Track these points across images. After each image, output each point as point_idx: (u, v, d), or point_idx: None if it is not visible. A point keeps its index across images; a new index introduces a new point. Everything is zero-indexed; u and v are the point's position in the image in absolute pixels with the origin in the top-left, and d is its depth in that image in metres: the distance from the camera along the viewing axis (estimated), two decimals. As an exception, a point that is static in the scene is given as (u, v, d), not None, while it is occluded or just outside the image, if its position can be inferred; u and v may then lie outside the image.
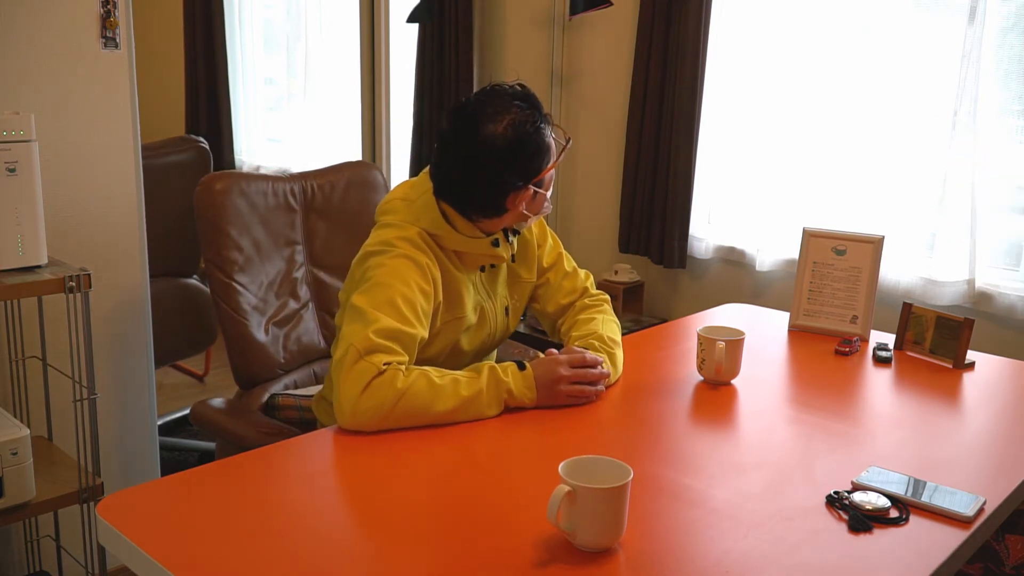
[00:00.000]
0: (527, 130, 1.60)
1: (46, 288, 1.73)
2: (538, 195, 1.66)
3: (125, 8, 2.14)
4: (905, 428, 1.51)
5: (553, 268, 1.87)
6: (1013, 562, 1.61)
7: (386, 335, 1.47)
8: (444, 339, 1.67)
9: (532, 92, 1.66)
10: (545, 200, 1.68)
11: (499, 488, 1.25)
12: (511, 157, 1.59)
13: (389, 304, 1.51)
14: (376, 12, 4.04)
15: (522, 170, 1.61)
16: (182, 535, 1.10)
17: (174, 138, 3.06)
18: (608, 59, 3.31)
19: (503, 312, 1.78)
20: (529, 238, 1.82)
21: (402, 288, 1.54)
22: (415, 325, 1.53)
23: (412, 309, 1.54)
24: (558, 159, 1.67)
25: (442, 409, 1.45)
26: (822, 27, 2.78)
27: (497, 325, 1.77)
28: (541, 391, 1.52)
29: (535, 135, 1.61)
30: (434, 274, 1.61)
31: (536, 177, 1.63)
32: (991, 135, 2.49)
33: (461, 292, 1.67)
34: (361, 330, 1.47)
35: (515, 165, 1.60)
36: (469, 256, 1.68)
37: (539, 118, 1.62)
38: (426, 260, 1.60)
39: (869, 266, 1.96)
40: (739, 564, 1.07)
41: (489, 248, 1.67)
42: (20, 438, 1.70)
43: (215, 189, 2.00)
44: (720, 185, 3.11)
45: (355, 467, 1.32)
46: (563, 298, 1.86)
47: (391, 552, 1.08)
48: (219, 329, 2.07)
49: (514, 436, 1.44)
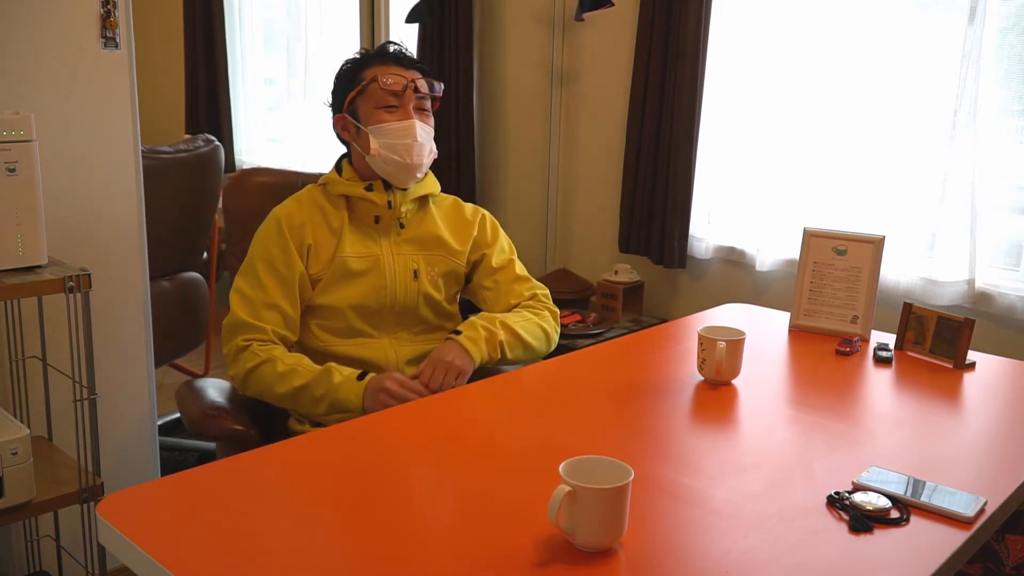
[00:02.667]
0: (345, 63, 1.89)
1: (46, 288, 1.73)
2: (360, 131, 1.84)
3: (125, 8, 2.14)
4: (905, 428, 1.51)
5: (503, 270, 1.99)
6: (1013, 562, 1.61)
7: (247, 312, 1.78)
8: (333, 284, 1.82)
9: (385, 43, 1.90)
10: (371, 140, 1.81)
11: (499, 488, 1.25)
12: (334, 87, 1.91)
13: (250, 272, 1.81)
14: (376, 12, 4.04)
15: (336, 97, 1.90)
16: (182, 535, 1.10)
17: (187, 137, 3.07)
18: (608, 59, 3.31)
19: (407, 272, 1.87)
20: (465, 218, 1.97)
21: (261, 252, 1.81)
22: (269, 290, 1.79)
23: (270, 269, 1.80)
24: (362, 87, 1.84)
25: (280, 392, 1.73)
26: (822, 27, 2.78)
27: (396, 280, 1.86)
28: (368, 398, 1.69)
29: (346, 66, 1.89)
30: (297, 222, 1.82)
31: (343, 105, 1.87)
32: (991, 135, 2.49)
33: (343, 236, 1.84)
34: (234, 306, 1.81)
35: (334, 93, 1.91)
36: (357, 203, 1.86)
37: (364, 55, 1.88)
38: (288, 211, 1.84)
39: (869, 266, 1.96)
40: (739, 564, 1.07)
41: (363, 191, 1.84)
42: (20, 438, 1.70)
43: (244, 184, 2.08)
44: (720, 185, 3.11)
45: (355, 467, 1.32)
46: (512, 299, 1.98)
47: (391, 552, 1.08)
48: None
49: (514, 436, 1.44)
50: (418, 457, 1.35)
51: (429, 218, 1.93)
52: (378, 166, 1.84)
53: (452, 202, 2.00)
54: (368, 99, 1.84)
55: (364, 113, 1.84)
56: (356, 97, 1.85)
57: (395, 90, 1.82)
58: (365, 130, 1.83)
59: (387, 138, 1.82)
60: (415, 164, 1.83)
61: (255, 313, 1.79)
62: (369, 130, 1.82)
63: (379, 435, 1.43)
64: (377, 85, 1.82)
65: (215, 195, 3.07)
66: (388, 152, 1.81)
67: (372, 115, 1.83)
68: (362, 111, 1.85)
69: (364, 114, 1.84)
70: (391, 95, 1.82)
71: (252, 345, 1.78)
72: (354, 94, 1.85)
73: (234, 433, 1.75)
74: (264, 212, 2.06)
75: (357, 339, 1.86)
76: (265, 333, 1.79)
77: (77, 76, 2.08)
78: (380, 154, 1.81)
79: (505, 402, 1.63)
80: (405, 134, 1.82)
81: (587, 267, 3.48)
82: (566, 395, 1.64)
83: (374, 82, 1.82)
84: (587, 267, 3.48)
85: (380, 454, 1.36)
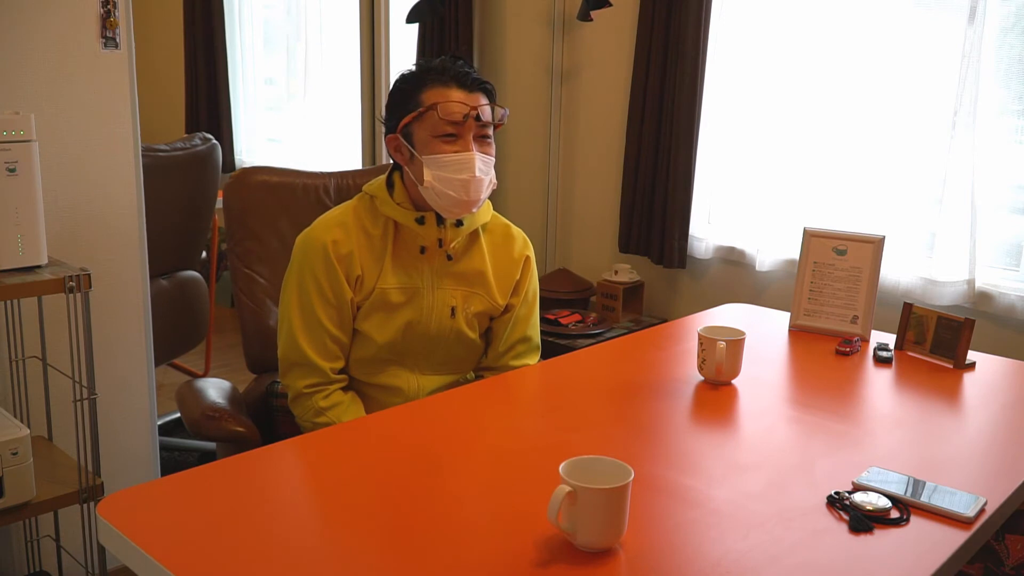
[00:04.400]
0: (401, 79, 1.76)
1: (46, 288, 1.73)
2: (415, 157, 1.70)
3: (125, 8, 2.14)
4: (905, 428, 1.51)
5: (518, 325, 1.86)
6: (1013, 562, 1.61)
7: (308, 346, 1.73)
8: (370, 314, 1.74)
9: (446, 58, 1.75)
10: (424, 170, 1.68)
11: (499, 488, 1.25)
12: (388, 104, 1.78)
13: (303, 300, 1.73)
14: (376, 12, 4.04)
15: (390, 116, 1.76)
16: (182, 535, 1.10)
17: (185, 136, 3.07)
18: (608, 59, 3.31)
19: (445, 308, 1.77)
20: (513, 258, 1.85)
21: (311, 281, 1.72)
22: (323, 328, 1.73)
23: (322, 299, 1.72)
24: (418, 113, 1.69)
25: None
26: (822, 27, 2.78)
27: (432, 315, 1.76)
28: None
29: (402, 84, 1.75)
30: (345, 251, 1.72)
31: (399, 125, 1.72)
32: (991, 135, 2.49)
33: (385, 264, 1.74)
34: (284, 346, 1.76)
35: (389, 110, 1.77)
36: (404, 230, 1.75)
37: (421, 70, 1.74)
38: (334, 238, 1.72)
39: (869, 266, 1.96)
40: (739, 564, 1.07)
41: (412, 221, 1.73)
42: (20, 438, 1.70)
43: (244, 182, 2.08)
44: (720, 185, 3.11)
45: (355, 467, 1.32)
46: (505, 351, 1.87)
47: (391, 552, 1.08)
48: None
49: (514, 436, 1.44)
50: (418, 457, 1.35)
51: (477, 251, 1.81)
52: (431, 198, 1.69)
53: (503, 231, 1.86)
54: (425, 125, 1.69)
55: (420, 139, 1.69)
56: (412, 121, 1.70)
57: (456, 119, 1.67)
58: (420, 158, 1.68)
59: (443, 171, 1.66)
60: (472, 200, 1.69)
61: (317, 349, 1.72)
62: (424, 160, 1.67)
63: (379, 436, 1.43)
64: (436, 113, 1.66)
65: (213, 194, 3.07)
66: (443, 186, 1.66)
67: (428, 143, 1.68)
68: (417, 136, 1.70)
69: (420, 140, 1.69)
70: (450, 124, 1.67)
71: (315, 397, 1.73)
72: (410, 119, 1.70)
73: (235, 435, 1.75)
74: (266, 212, 2.07)
75: (383, 368, 1.79)
76: (325, 376, 1.73)
77: (77, 76, 2.08)
78: (434, 187, 1.67)
79: (505, 402, 1.63)
80: (463, 168, 1.67)
81: (587, 267, 3.48)
82: (566, 395, 1.64)
83: (433, 109, 1.67)
84: (587, 267, 3.48)
85: (380, 454, 1.36)
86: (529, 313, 1.88)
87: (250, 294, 2.09)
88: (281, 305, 1.78)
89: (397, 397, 1.79)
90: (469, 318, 1.80)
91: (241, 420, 1.78)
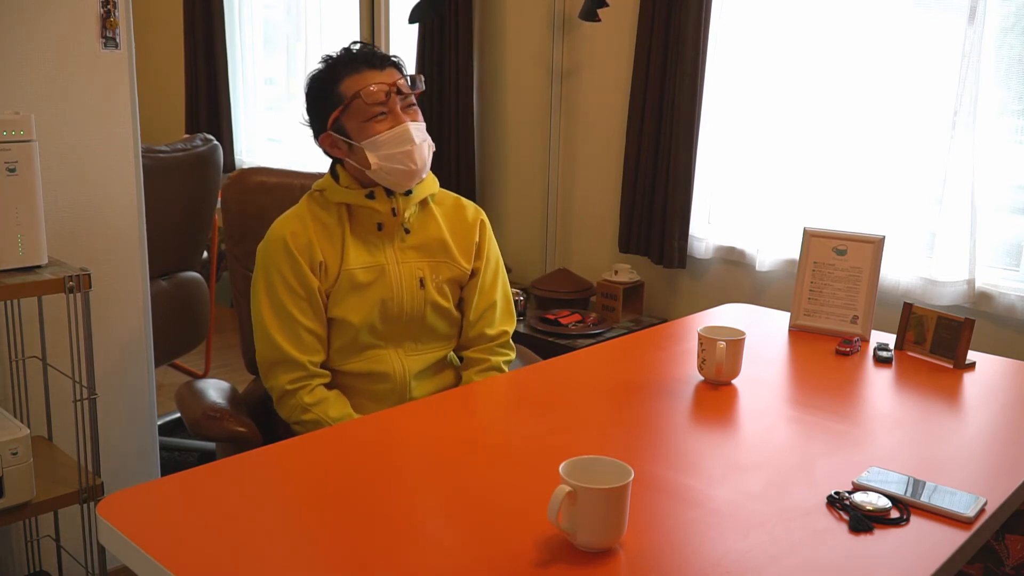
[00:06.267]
0: (312, 79, 1.81)
1: (46, 288, 1.73)
2: (353, 147, 1.76)
3: (125, 8, 2.14)
4: (905, 428, 1.51)
5: (488, 293, 1.91)
6: (1013, 562, 1.61)
7: (286, 342, 1.75)
8: (341, 298, 1.78)
9: (348, 48, 1.80)
10: (367, 155, 1.74)
11: (499, 488, 1.25)
12: (308, 108, 1.83)
13: (272, 299, 1.76)
14: (376, 12, 4.04)
15: (315, 117, 1.82)
16: (182, 535, 1.10)
17: (185, 136, 3.07)
18: (608, 59, 3.31)
19: (413, 281, 1.82)
20: (467, 222, 1.91)
21: (277, 277, 1.76)
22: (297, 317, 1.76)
23: (291, 293, 1.75)
24: (344, 106, 1.75)
25: None
26: (822, 27, 2.78)
27: (403, 289, 1.81)
28: None
29: (315, 83, 1.80)
30: (304, 241, 1.76)
31: (328, 123, 1.78)
32: (991, 135, 2.49)
33: (347, 247, 1.79)
34: (262, 347, 1.78)
35: (311, 113, 1.83)
36: (358, 211, 1.80)
37: (330, 65, 1.79)
38: (292, 230, 1.77)
39: (869, 266, 1.96)
40: (739, 564, 1.07)
41: (364, 199, 1.79)
42: (20, 438, 1.70)
43: (242, 183, 2.05)
44: (720, 185, 3.11)
45: (355, 467, 1.32)
46: (485, 327, 1.90)
47: (391, 552, 1.08)
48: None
49: (514, 436, 1.44)
50: (418, 457, 1.35)
51: (432, 221, 1.87)
52: (381, 178, 1.77)
53: (453, 201, 1.93)
54: (354, 114, 1.76)
55: (353, 129, 1.76)
56: (340, 115, 1.77)
57: (380, 99, 1.74)
58: (359, 145, 1.75)
59: (384, 149, 1.74)
60: (419, 168, 1.77)
61: (293, 343, 1.75)
62: (364, 144, 1.75)
63: (379, 436, 1.43)
64: (361, 100, 1.74)
65: (214, 195, 3.06)
66: (390, 163, 1.74)
67: (363, 129, 1.75)
68: (350, 127, 1.76)
69: (353, 129, 1.76)
70: (377, 104, 1.74)
71: (299, 394, 1.75)
72: (338, 113, 1.77)
73: (236, 435, 1.75)
74: (264, 212, 2.06)
75: (365, 353, 1.82)
76: (306, 369, 1.76)
77: (77, 76, 2.08)
78: (381, 167, 1.75)
79: (505, 402, 1.63)
80: (402, 141, 1.75)
81: (587, 267, 3.48)
82: (566, 395, 1.64)
83: (357, 98, 1.74)
84: (587, 267, 3.48)
85: (380, 454, 1.36)
86: (494, 278, 1.93)
87: (249, 295, 2.08)
88: (253, 313, 1.82)
89: (385, 383, 1.81)
90: (440, 286, 1.85)
91: (242, 420, 1.78)
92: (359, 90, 1.74)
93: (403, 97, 1.78)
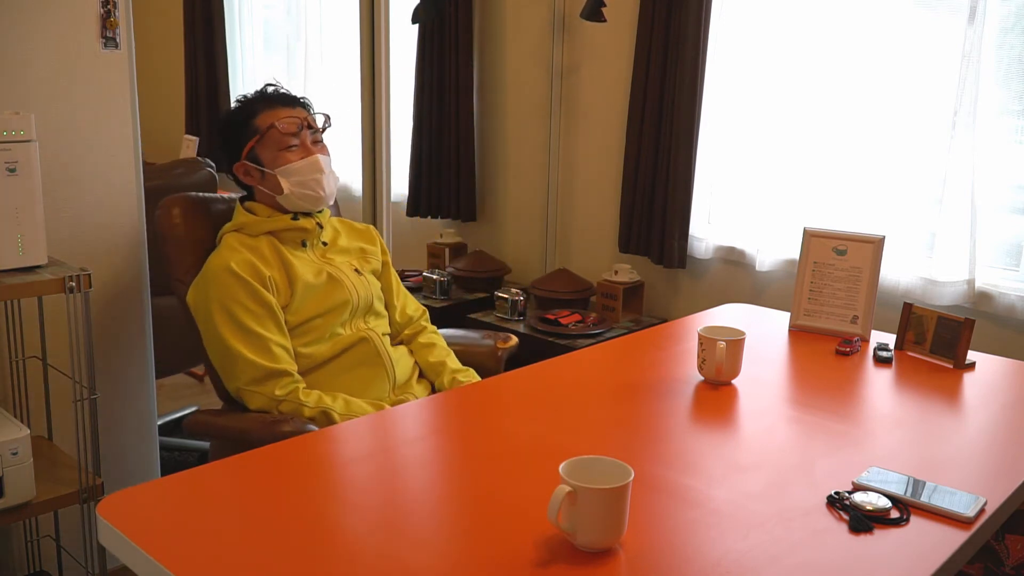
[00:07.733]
0: (230, 114, 2.01)
1: (46, 288, 1.73)
2: (266, 174, 1.95)
3: (125, 8, 2.14)
4: (905, 428, 1.51)
5: (395, 283, 2.15)
6: (1013, 562, 1.61)
7: (262, 358, 1.81)
8: (301, 302, 1.89)
9: (264, 88, 2.02)
10: (280, 181, 1.93)
11: (499, 488, 1.25)
12: (224, 140, 2.01)
13: (233, 325, 1.82)
14: (376, 12, 4.03)
15: (230, 147, 1.99)
16: (182, 535, 1.10)
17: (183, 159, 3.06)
18: (608, 59, 3.31)
19: (349, 269, 2.01)
20: (358, 228, 2.13)
21: (231, 304, 1.83)
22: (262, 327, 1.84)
23: (249, 314, 1.83)
24: (259, 137, 1.94)
25: None
26: (822, 27, 2.78)
27: (350, 281, 1.98)
28: None
29: (234, 117, 1.99)
30: (247, 262, 1.85)
31: (241, 153, 1.97)
32: (991, 135, 2.49)
33: (287, 261, 1.92)
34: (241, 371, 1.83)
35: (227, 143, 2.00)
36: (283, 234, 1.95)
37: (246, 103, 1.99)
38: (231, 258, 1.85)
39: (869, 266, 1.96)
40: (739, 564, 1.07)
41: (290, 222, 1.95)
42: (20, 438, 1.70)
43: (172, 212, 2.04)
44: (720, 185, 3.11)
45: (355, 467, 1.32)
46: (411, 311, 2.14)
47: (391, 552, 1.08)
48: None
49: (514, 437, 1.44)
50: (417, 457, 1.35)
51: (337, 235, 2.07)
52: (292, 203, 1.95)
53: (339, 220, 2.14)
54: (268, 144, 1.95)
55: (267, 158, 1.95)
56: (255, 146, 1.96)
57: (292, 131, 1.95)
58: (272, 172, 1.94)
59: (297, 176, 1.94)
60: (328, 194, 1.98)
61: (269, 359, 1.82)
62: (277, 172, 1.93)
63: (378, 435, 1.43)
64: (276, 131, 1.94)
65: None
66: (301, 188, 1.94)
67: (276, 158, 1.94)
68: (264, 156, 1.95)
69: (267, 159, 1.95)
70: (290, 136, 1.94)
71: (295, 395, 1.82)
72: (253, 143, 1.95)
73: (291, 434, 1.74)
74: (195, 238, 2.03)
75: (336, 338, 1.93)
76: (292, 376, 1.84)
77: (77, 76, 2.08)
78: (294, 191, 1.93)
79: (505, 402, 1.63)
80: (312, 169, 1.95)
81: (587, 267, 3.48)
82: (566, 395, 1.64)
83: (272, 128, 1.94)
84: (587, 267, 3.48)
85: (380, 454, 1.36)
86: (395, 274, 2.16)
87: None
88: (215, 350, 1.87)
89: (366, 347, 1.94)
90: (373, 268, 2.09)
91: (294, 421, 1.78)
92: (274, 122, 1.94)
93: (312, 132, 2.00)
